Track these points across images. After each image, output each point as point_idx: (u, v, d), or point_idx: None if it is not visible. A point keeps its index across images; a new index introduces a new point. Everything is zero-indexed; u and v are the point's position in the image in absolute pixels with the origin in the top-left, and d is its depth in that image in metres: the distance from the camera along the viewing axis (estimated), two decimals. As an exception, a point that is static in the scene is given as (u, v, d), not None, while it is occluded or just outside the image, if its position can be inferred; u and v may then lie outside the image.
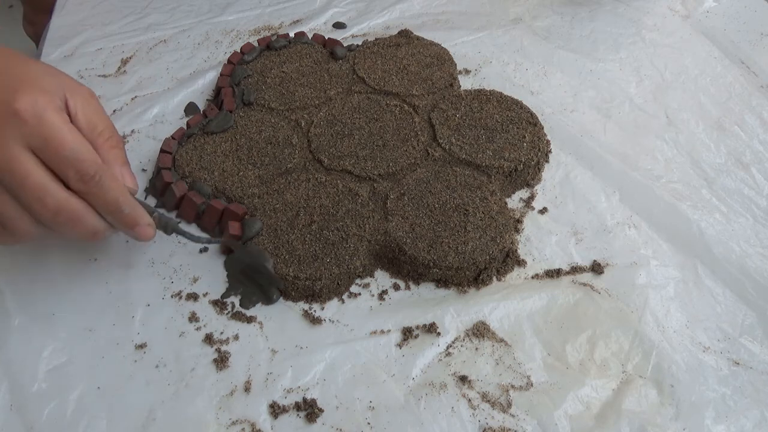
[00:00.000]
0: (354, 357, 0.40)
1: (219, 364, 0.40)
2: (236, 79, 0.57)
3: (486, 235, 0.45)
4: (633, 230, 0.48)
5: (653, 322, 0.43)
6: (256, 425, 0.37)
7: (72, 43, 0.64)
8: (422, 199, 0.47)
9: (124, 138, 0.54)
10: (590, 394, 0.39)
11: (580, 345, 0.41)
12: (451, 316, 0.43)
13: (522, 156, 0.51)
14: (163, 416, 0.37)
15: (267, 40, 0.61)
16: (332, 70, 0.58)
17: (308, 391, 0.39)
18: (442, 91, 0.57)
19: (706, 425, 0.38)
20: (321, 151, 0.51)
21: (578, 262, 0.46)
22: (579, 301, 0.44)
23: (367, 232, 0.45)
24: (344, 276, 0.44)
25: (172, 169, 0.49)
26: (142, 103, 0.58)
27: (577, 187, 0.52)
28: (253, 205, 0.47)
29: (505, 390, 0.39)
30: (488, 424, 0.38)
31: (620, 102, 0.60)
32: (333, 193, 0.47)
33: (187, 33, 0.67)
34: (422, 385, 0.39)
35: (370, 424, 0.37)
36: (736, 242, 0.47)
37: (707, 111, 0.59)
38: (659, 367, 0.40)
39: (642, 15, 0.71)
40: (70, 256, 0.45)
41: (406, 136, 0.52)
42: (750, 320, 0.43)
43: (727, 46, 0.67)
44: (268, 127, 0.53)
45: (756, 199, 0.51)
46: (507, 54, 0.65)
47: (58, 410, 0.37)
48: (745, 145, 0.56)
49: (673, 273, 0.46)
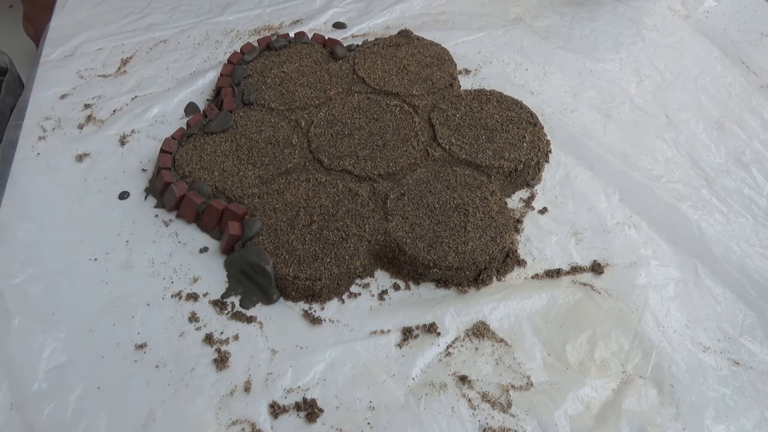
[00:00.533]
0: (354, 357, 0.40)
1: (219, 364, 0.40)
2: (236, 79, 0.57)
3: (486, 235, 0.45)
4: (633, 230, 0.48)
5: (653, 322, 0.43)
6: (256, 425, 0.37)
7: (72, 43, 0.64)
8: (422, 199, 0.47)
9: (124, 138, 0.54)
10: (590, 394, 0.39)
11: (580, 345, 0.41)
12: (451, 316, 0.43)
13: (522, 156, 0.51)
14: (163, 416, 0.37)
15: (267, 40, 0.61)
16: (332, 70, 0.58)
17: (308, 391, 0.39)
18: (442, 91, 0.57)
19: (706, 425, 0.38)
20: (321, 151, 0.51)
21: (578, 262, 0.46)
22: (579, 301, 0.44)
23: (367, 232, 0.45)
24: (344, 276, 0.44)
25: (172, 169, 0.49)
26: (142, 103, 0.58)
27: (577, 187, 0.52)
28: (253, 205, 0.47)
29: (505, 390, 0.39)
30: (488, 424, 0.38)
31: (620, 102, 0.60)
32: (333, 193, 0.47)
33: (187, 33, 0.67)
34: (422, 385, 0.39)
35: (370, 424, 0.37)
36: (736, 242, 0.47)
37: (707, 111, 0.59)
38: (659, 367, 0.40)
39: (642, 15, 0.71)
40: (70, 256, 0.45)
41: (406, 136, 0.52)
42: (750, 320, 0.43)
43: (727, 46, 0.67)
44: (268, 127, 0.53)
45: (756, 199, 0.51)
46: (507, 54, 0.65)
47: (58, 410, 0.37)
48: (745, 145, 0.56)
49: (673, 273, 0.46)
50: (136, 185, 0.50)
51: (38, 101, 0.57)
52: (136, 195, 0.50)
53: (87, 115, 0.57)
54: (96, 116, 0.56)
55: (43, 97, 0.58)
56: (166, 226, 0.48)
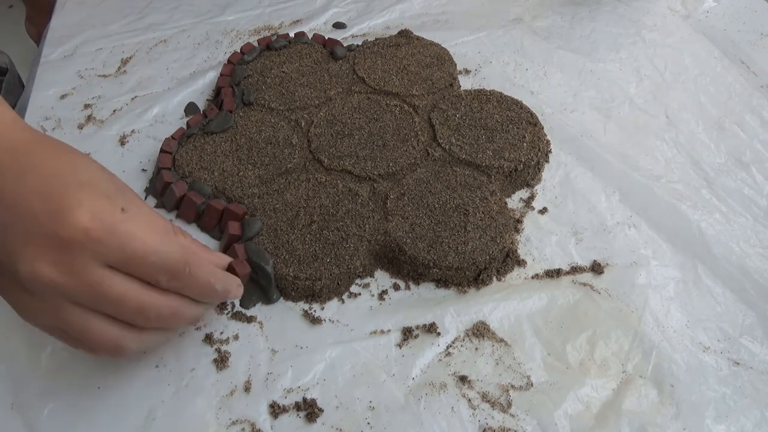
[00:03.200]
0: (354, 357, 0.40)
1: (219, 364, 0.40)
2: (236, 79, 0.57)
3: (486, 235, 0.45)
4: (633, 230, 0.48)
5: (653, 322, 0.43)
6: (256, 425, 0.37)
7: (72, 43, 0.64)
8: (422, 199, 0.47)
9: (124, 138, 0.54)
10: (590, 394, 0.39)
11: (580, 345, 0.41)
12: (451, 316, 0.43)
13: (522, 156, 0.51)
14: (163, 416, 0.37)
15: (267, 40, 0.61)
16: (332, 70, 0.58)
17: (308, 391, 0.39)
18: (442, 91, 0.57)
19: (706, 425, 0.38)
20: (321, 151, 0.51)
21: (578, 262, 0.46)
22: (579, 301, 0.44)
23: (367, 232, 0.45)
24: (344, 276, 0.44)
25: (172, 169, 0.49)
26: (142, 103, 0.58)
27: (577, 187, 0.52)
28: (253, 205, 0.47)
29: (505, 390, 0.39)
30: (488, 424, 0.38)
31: (620, 102, 0.60)
32: (333, 193, 0.47)
33: (187, 33, 0.67)
34: (422, 385, 0.39)
35: (370, 424, 0.37)
36: (736, 242, 0.47)
37: (707, 111, 0.59)
38: (659, 367, 0.40)
39: (642, 15, 0.71)
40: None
41: (406, 136, 0.52)
42: (750, 320, 0.43)
43: (727, 46, 0.67)
44: (268, 127, 0.53)
45: (756, 199, 0.51)
46: (507, 54, 0.65)
47: (58, 410, 0.37)
48: (745, 145, 0.56)
49: (673, 273, 0.46)
50: (136, 185, 0.50)
51: (38, 101, 0.58)
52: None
53: (87, 115, 0.57)
54: (96, 116, 0.56)
55: (43, 97, 0.58)
56: (166, 226, 0.48)
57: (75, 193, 0.30)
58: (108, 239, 0.30)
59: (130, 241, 0.30)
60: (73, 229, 0.29)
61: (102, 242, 0.30)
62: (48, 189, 0.30)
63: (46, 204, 0.29)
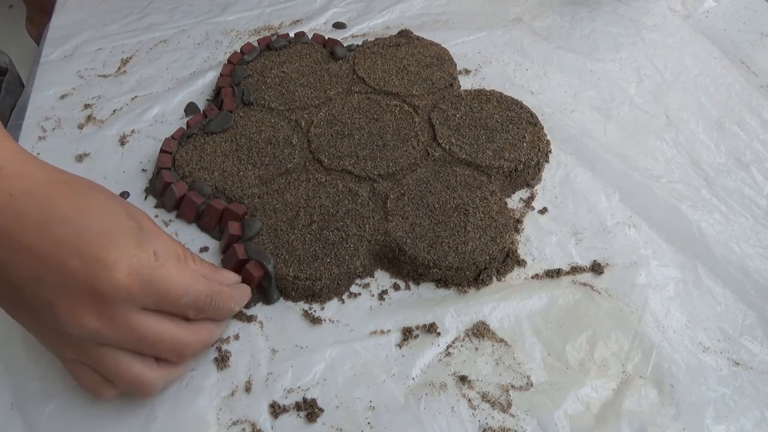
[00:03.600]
0: (354, 357, 0.40)
1: (219, 363, 0.40)
2: (236, 79, 0.57)
3: (486, 235, 0.45)
4: (633, 230, 0.48)
5: (653, 322, 0.43)
6: (257, 425, 0.37)
7: (72, 43, 0.64)
8: (422, 199, 0.47)
9: (124, 138, 0.54)
10: (590, 394, 0.39)
11: (580, 345, 0.41)
12: (451, 316, 0.43)
13: (522, 156, 0.51)
14: (163, 416, 0.37)
15: (267, 40, 0.61)
16: (332, 70, 0.58)
17: (308, 391, 0.39)
18: (442, 91, 0.57)
19: (706, 425, 0.38)
20: (321, 151, 0.51)
21: (578, 262, 0.46)
22: (579, 301, 0.44)
23: (367, 232, 0.45)
24: (344, 276, 0.44)
25: (172, 169, 0.49)
26: (142, 103, 0.58)
27: (577, 187, 0.52)
28: (253, 205, 0.47)
29: (505, 390, 0.39)
30: (488, 424, 0.38)
31: (620, 102, 0.60)
32: (333, 193, 0.47)
33: (187, 33, 0.67)
34: (422, 385, 0.39)
35: (370, 424, 0.37)
36: (736, 242, 0.47)
37: (707, 111, 0.59)
38: (659, 367, 0.40)
39: (642, 15, 0.71)
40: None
41: (406, 136, 0.52)
42: (750, 320, 0.43)
43: (727, 46, 0.67)
44: (268, 127, 0.53)
45: (756, 199, 0.51)
46: (507, 54, 0.65)
47: (58, 410, 0.37)
48: (745, 145, 0.56)
49: (673, 273, 0.46)
50: (136, 185, 0.51)
51: (38, 101, 0.58)
52: (136, 195, 0.50)
53: (87, 115, 0.57)
54: (96, 116, 0.56)
55: (43, 97, 0.58)
56: (166, 226, 0.48)
57: (108, 247, 0.31)
58: (146, 290, 0.32)
59: (164, 287, 0.33)
60: (114, 288, 0.31)
61: (141, 293, 0.32)
62: (79, 242, 0.31)
63: (82, 260, 0.31)
